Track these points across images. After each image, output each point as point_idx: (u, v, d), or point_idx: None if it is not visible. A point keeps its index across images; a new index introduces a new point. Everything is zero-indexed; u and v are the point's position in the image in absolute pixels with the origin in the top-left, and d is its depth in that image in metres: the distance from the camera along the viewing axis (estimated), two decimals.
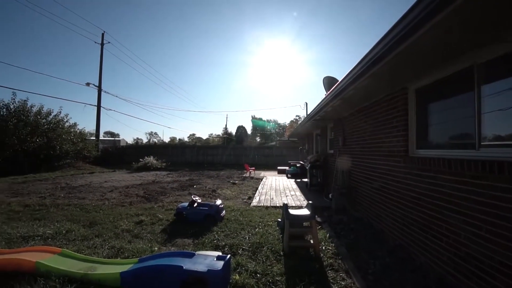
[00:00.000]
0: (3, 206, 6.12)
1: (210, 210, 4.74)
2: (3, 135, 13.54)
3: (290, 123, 65.27)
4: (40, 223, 4.67)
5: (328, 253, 3.37)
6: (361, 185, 5.17)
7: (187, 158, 23.76)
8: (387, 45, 2.36)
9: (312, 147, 13.21)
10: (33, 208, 5.88)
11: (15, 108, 14.75)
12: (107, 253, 3.35)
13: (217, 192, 8.21)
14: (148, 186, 9.66)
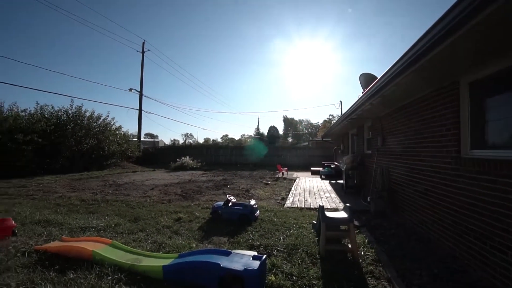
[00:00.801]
0: (65, 200, 6.92)
1: (244, 209, 4.81)
2: (63, 137, 15.31)
3: (323, 122, 63.52)
4: (93, 216, 5.17)
5: (368, 259, 3.20)
6: (403, 188, 4.82)
7: (220, 158, 24.45)
8: (451, 23, 1.96)
9: (347, 147, 12.68)
10: (87, 203, 6.55)
11: (72, 114, 16.57)
12: (150, 247, 3.58)
13: (251, 192, 8.30)
14: (185, 185, 10.14)
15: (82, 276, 2.64)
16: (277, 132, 55.09)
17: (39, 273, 2.72)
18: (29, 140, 12.68)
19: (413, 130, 4.38)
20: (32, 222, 4.62)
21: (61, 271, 2.77)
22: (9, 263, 2.94)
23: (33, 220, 4.76)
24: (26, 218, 4.85)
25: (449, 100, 3.30)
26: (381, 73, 3.81)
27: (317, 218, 3.98)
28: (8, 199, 7.02)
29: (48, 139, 14.18)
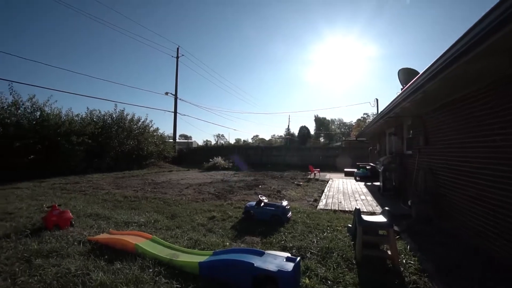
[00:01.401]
0: (111, 196, 7.57)
1: (277, 210, 4.79)
2: (108, 139, 16.75)
3: (357, 122, 60.81)
4: (135, 212, 5.57)
5: (410, 268, 2.97)
6: (451, 192, 4.40)
7: (251, 159, 24.71)
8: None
9: (384, 148, 11.97)
10: (130, 199, 7.07)
11: (116, 117, 18.07)
12: (186, 243, 3.74)
13: (282, 193, 8.25)
14: (218, 184, 10.43)
15: (127, 267, 2.85)
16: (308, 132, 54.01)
17: (92, 261, 3.01)
18: (81, 141, 14.09)
19: (465, 128, 3.96)
20: (85, 215, 5.12)
21: (109, 261, 3.03)
22: (68, 250, 3.31)
23: (86, 213, 5.28)
24: (80, 211, 5.39)
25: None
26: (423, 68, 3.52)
27: (353, 222, 3.81)
28: (66, 194, 7.88)
29: (96, 141, 15.63)
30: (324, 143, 56.14)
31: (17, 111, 12.75)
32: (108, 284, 2.50)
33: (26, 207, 5.85)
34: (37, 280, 2.58)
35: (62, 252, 3.26)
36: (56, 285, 2.51)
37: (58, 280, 2.58)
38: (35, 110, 13.39)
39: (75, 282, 2.54)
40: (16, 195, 7.45)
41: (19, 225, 4.34)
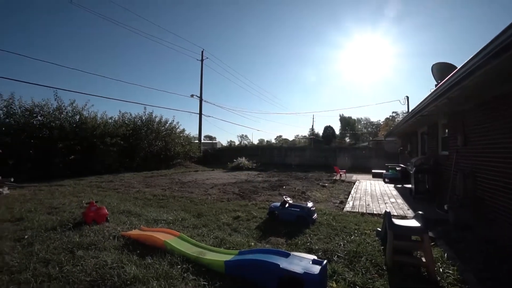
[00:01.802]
0: (141, 194, 7.98)
1: (302, 211, 4.73)
2: (138, 140, 17.67)
3: (385, 121, 58.13)
4: (163, 210, 5.81)
5: (448, 278, 2.77)
6: (495, 196, 4.03)
7: (274, 159, 24.63)
8: None
9: (416, 148, 11.30)
10: (158, 198, 7.40)
11: (145, 119, 19.00)
12: (212, 242, 3.83)
13: (307, 194, 8.12)
14: (242, 184, 10.54)
15: (157, 262, 2.98)
16: (333, 132, 52.64)
17: (126, 255, 3.20)
18: (114, 142, 15.02)
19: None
20: (118, 212, 5.45)
21: (141, 256, 3.19)
22: (105, 244, 3.54)
23: (119, 210, 5.61)
24: (114, 208, 5.74)
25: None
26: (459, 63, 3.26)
27: (382, 225, 3.65)
28: (102, 191, 8.45)
29: (127, 142, 16.55)
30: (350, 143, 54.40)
31: (61, 115, 13.91)
32: (140, 278, 2.64)
33: (68, 202, 6.37)
34: (79, 269, 2.80)
35: (100, 245, 3.50)
36: (95, 275, 2.70)
37: (97, 271, 2.78)
38: (75, 114, 14.53)
39: (111, 274, 2.71)
40: (60, 192, 8.14)
41: (63, 219, 4.74)
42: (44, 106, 13.48)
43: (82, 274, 2.70)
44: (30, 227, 4.30)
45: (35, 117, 13.22)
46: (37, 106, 13.31)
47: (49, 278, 2.66)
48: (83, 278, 2.64)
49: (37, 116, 13.30)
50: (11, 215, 5.13)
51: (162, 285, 2.53)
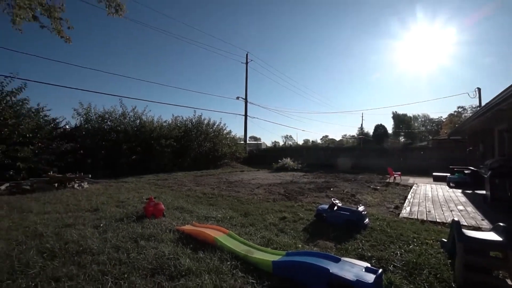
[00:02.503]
0: (192, 192, 8.54)
1: (352, 215, 4.47)
2: (189, 141, 18.97)
3: (448, 117, 51.52)
4: (213, 208, 6.10)
5: None
6: None
7: (320, 160, 23.86)
8: None
9: (491, 148, 9.72)
10: (208, 196, 7.81)
11: (195, 122, 20.31)
12: (259, 241, 3.87)
13: (357, 197, 7.66)
14: (287, 185, 10.46)
15: (208, 257, 3.15)
16: (385, 131, 48.62)
17: (181, 248, 3.45)
18: (168, 144, 16.41)
19: None
20: (172, 208, 5.92)
21: (194, 250, 3.41)
22: (162, 236, 3.88)
23: (173, 206, 6.09)
24: (169, 204, 6.25)
25: None
26: None
27: (449, 236, 3.23)
28: (158, 189, 9.30)
29: (179, 143, 17.91)
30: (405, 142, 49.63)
31: (124, 120, 15.81)
32: (194, 270, 2.82)
33: (131, 197, 7.17)
34: (142, 257, 3.12)
35: (158, 237, 3.85)
36: (155, 264, 2.97)
37: (156, 260, 3.06)
38: (136, 118, 16.34)
39: (168, 264, 2.95)
40: (125, 188, 9.22)
41: (128, 212, 5.35)
42: (112, 113, 15.53)
43: (144, 262, 3.01)
44: (104, 217, 4.97)
45: (105, 122, 15.27)
46: (107, 113, 15.39)
47: (120, 262, 3.03)
48: (146, 266, 2.93)
49: (107, 121, 15.34)
50: (90, 206, 6.01)
51: (213, 279, 2.66)
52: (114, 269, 2.84)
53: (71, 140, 13.28)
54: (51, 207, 5.92)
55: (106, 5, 9.47)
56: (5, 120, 10.52)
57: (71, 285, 2.52)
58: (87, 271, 2.78)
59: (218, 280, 2.65)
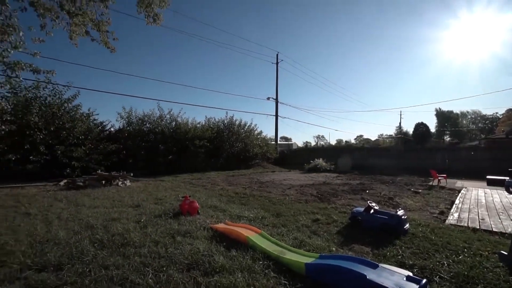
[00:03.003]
0: (225, 191, 8.75)
1: (390, 219, 4.21)
2: (221, 142, 19.49)
3: (506, 113, 45.88)
4: (245, 207, 6.19)
5: None
6: None
7: (355, 161, 22.81)
8: None
9: None
10: (240, 195, 7.94)
11: (227, 123, 20.81)
12: (292, 242, 3.83)
13: (395, 201, 7.19)
14: (320, 186, 10.20)
15: (241, 256, 3.20)
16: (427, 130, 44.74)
17: (214, 245, 3.56)
18: (202, 144, 17.05)
19: None
20: (206, 206, 6.13)
21: (227, 248, 3.49)
22: (197, 233, 4.05)
23: (207, 204, 6.30)
24: (203, 202, 6.48)
25: None
26: None
27: (510, 248, 2.86)
28: (192, 187, 9.71)
29: (212, 144, 18.49)
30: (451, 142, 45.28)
31: (162, 122, 16.79)
32: (227, 268, 2.89)
33: (168, 195, 7.59)
34: (179, 252, 3.29)
35: (193, 234, 4.01)
36: (191, 259, 3.11)
37: (192, 256, 3.20)
38: (172, 120, 17.26)
39: (203, 260, 3.07)
40: (162, 186, 9.79)
41: (165, 209, 5.67)
42: (151, 115, 16.63)
43: (181, 257, 3.16)
44: (144, 213, 5.33)
45: (144, 125, 16.39)
46: (146, 116, 16.51)
47: (159, 255, 3.22)
48: (182, 260, 3.08)
49: (146, 124, 16.45)
50: (132, 202, 6.49)
51: (246, 277, 2.69)
52: (154, 262, 3.04)
53: (116, 141, 14.48)
54: (100, 202, 6.52)
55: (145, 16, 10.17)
56: (63, 124, 11.94)
57: (117, 273, 2.74)
58: (130, 262, 3.01)
59: (250, 279, 2.68)
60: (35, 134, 11.00)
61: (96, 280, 2.61)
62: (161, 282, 2.61)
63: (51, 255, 3.16)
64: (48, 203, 6.33)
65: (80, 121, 12.74)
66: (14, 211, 5.58)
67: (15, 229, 4.30)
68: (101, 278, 2.66)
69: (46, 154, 11.11)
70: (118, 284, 2.57)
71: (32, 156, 10.74)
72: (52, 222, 4.65)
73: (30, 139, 10.87)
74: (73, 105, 12.86)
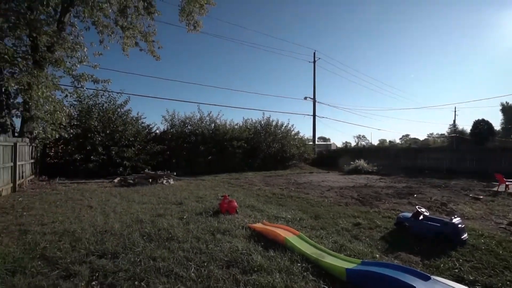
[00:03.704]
0: (262, 191, 8.82)
1: (444, 227, 3.80)
2: (258, 143, 19.68)
3: None
4: (282, 208, 6.15)
5: None
6: None
7: (401, 162, 21.10)
8: None
9: None
10: (277, 196, 7.92)
11: (264, 124, 20.94)
12: (331, 246, 3.70)
13: (449, 207, 6.46)
14: (361, 189, 9.67)
15: (279, 257, 3.19)
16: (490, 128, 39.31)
17: (252, 244, 3.61)
18: (239, 145, 17.43)
19: None
20: (244, 206, 6.24)
21: (265, 247, 3.51)
22: (236, 232, 4.15)
23: (245, 204, 6.42)
24: (241, 202, 6.61)
25: None
26: None
27: None
28: (231, 187, 9.98)
29: (249, 144, 18.77)
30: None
31: (201, 124, 17.60)
32: (265, 268, 2.90)
33: (208, 194, 7.92)
34: (219, 249, 3.41)
35: (232, 232, 4.12)
36: (230, 257, 3.20)
37: (231, 253, 3.29)
38: (211, 122, 17.98)
39: (241, 258, 3.13)
40: (202, 185, 10.26)
41: (206, 207, 5.93)
42: (192, 118, 17.54)
43: (221, 254, 3.27)
44: (186, 210, 5.64)
45: (186, 127, 17.35)
46: (187, 118, 17.47)
47: (200, 251, 3.38)
48: (222, 257, 3.18)
49: (187, 126, 17.40)
50: (175, 199, 6.93)
51: (284, 279, 2.68)
52: (196, 257, 3.20)
53: (161, 142, 15.59)
54: (147, 198, 7.09)
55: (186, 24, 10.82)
56: (116, 127, 13.31)
57: (164, 265, 2.95)
58: (175, 256, 3.22)
59: (288, 280, 2.65)
60: (95, 137, 12.47)
61: (145, 270, 2.85)
62: (202, 277, 2.73)
63: (109, 244, 3.54)
64: (105, 198, 7.08)
65: (131, 124, 14.05)
66: (80, 203, 6.37)
67: (81, 219, 4.92)
68: (150, 268, 2.89)
69: (103, 154, 12.49)
70: (165, 275, 2.76)
71: (93, 156, 12.16)
72: (109, 215, 5.19)
73: (91, 141, 12.35)
74: (125, 110, 14.31)
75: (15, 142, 8.06)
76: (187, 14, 11.48)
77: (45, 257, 3.18)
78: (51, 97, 9.19)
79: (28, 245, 3.54)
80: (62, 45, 9.16)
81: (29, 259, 3.09)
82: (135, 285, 2.57)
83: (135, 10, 10.66)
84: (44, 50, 9.12)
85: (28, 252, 3.30)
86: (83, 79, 10.32)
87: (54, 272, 2.83)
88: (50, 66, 9.51)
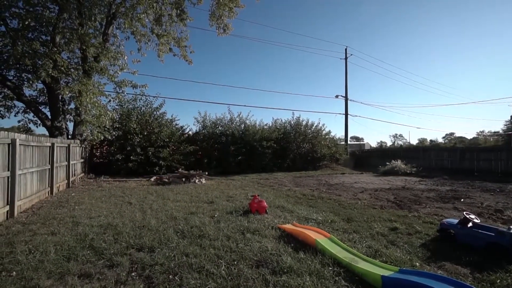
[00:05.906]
0: (292, 192, 8.72)
1: (499, 237, 3.37)
2: (288, 143, 19.50)
3: None
4: (313, 210, 6.01)
5: None
6: None
7: (444, 163, 19.37)
8: None
9: None
10: (307, 197, 7.77)
11: (293, 124, 20.69)
12: (365, 251, 3.52)
13: (506, 214, 5.75)
14: (398, 192, 9.06)
15: (309, 259, 3.12)
16: None
17: (282, 245, 3.58)
18: (269, 146, 17.44)
19: None
20: (274, 206, 6.22)
21: (295, 249, 3.46)
22: (265, 232, 4.14)
23: (275, 205, 6.39)
24: (271, 202, 6.60)
25: None
26: None
27: None
28: (260, 187, 10.02)
29: (279, 145, 18.68)
30: None
31: (232, 125, 17.96)
32: (295, 270, 2.86)
33: (238, 194, 8.04)
34: (248, 249, 3.44)
35: (262, 232, 4.13)
36: (259, 256, 3.21)
37: (260, 253, 3.30)
38: (241, 123, 18.25)
39: (271, 259, 3.12)
40: (232, 185, 10.45)
41: (236, 206, 6.03)
42: (222, 119, 18.00)
43: (250, 253, 3.30)
44: (217, 209, 5.79)
45: (217, 128, 17.83)
46: (218, 119, 17.96)
47: (230, 250, 3.45)
48: (251, 257, 3.21)
49: (218, 127, 17.88)
50: (207, 198, 7.15)
51: (314, 282, 2.61)
52: (226, 255, 3.26)
53: (193, 143, 16.23)
54: (181, 197, 7.42)
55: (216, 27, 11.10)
56: (153, 129, 14.19)
57: (196, 261, 3.06)
58: (206, 253, 3.32)
59: (319, 284, 2.59)
60: (134, 138, 13.43)
61: (179, 265, 2.98)
62: (232, 275, 2.78)
63: (146, 239, 3.78)
64: (143, 195, 7.57)
65: (165, 126, 14.86)
66: (121, 200, 6.89)
67: (122, 214, 5.32)
68: (183, 263, 3.01)
69: (141, 155, 13.39)
70: (196, 271, 2.86)
71: (132, 156, 13.10)
72: (146, 212, 5.54)
73: (130, 142, 13.32)
74: (160, 112, 15.19)
75: (68, 144, 9.01)
76: (217, 18, 11.83)
77: (93, 247, 3.50)
78: (97, 102, 10.16)
79: (79, 235, 3.94)
80: (106, 55, 10.07)
81: (80, 248, 3.44)
82: (169, 279, 2.71)
83: (169, 18, 11.33)
84: (91, 61, 10.14)
85: (79, 242, 3.67)
86: (123, 85, 11.26)
87: (100, 261, 3.10)
88: (96, 75, 10.52)
